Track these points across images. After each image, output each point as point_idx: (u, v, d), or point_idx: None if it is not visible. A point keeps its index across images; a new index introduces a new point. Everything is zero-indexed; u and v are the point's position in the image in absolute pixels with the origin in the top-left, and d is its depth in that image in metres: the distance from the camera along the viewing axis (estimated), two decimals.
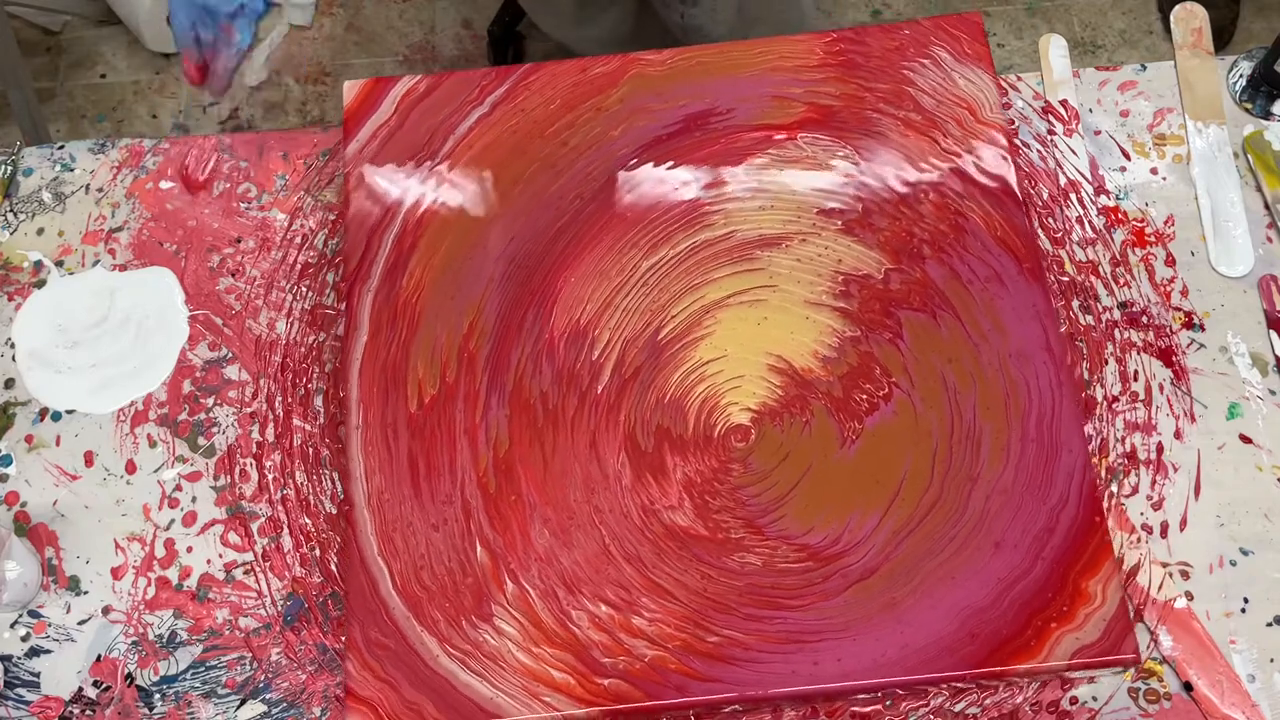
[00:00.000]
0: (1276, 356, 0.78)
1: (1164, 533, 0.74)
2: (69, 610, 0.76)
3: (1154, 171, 0.84)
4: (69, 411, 0.81)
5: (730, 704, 0.70)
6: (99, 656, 0.75)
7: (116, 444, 0.80)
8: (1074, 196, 0.84)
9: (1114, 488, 0.75)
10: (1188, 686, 0.70)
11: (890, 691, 0.70)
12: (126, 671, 0.74)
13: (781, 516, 0.73)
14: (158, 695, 0.74)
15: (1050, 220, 0.83)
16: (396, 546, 0.74)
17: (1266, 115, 0.86)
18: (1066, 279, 0.81)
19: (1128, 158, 0.85)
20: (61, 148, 0.90)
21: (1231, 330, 0.79)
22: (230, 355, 0.83)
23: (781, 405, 0.76)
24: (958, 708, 0.70)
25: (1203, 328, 0.79)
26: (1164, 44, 1.66)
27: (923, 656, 0.69)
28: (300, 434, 0.80)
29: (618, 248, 0.81)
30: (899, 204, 0.81)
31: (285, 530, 0.77)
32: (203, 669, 0.74)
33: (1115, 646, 0.68)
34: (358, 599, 0.72)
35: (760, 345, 0.78)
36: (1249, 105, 0.86)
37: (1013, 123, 0.86)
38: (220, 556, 0.77)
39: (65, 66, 1.77)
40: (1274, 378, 0.78)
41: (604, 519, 0.74)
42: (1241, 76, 0.87)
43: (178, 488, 0.79)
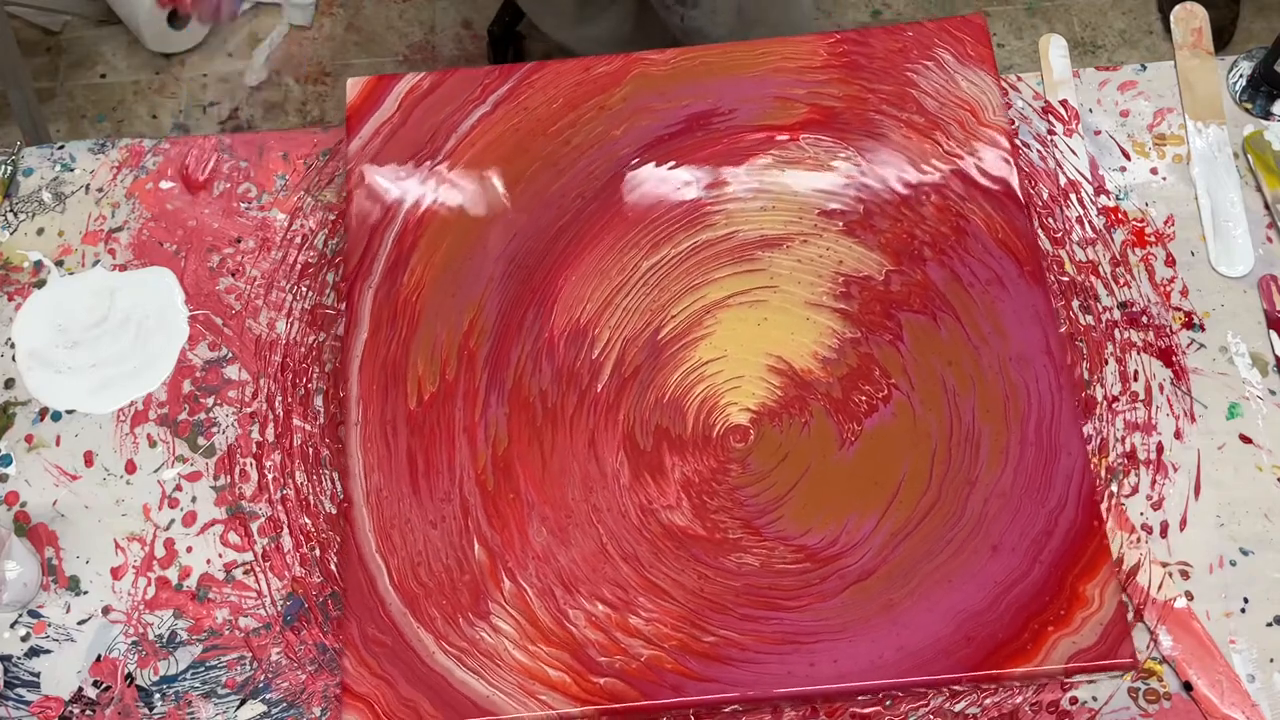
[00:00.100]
0: (1276, 356, 0.78)
1: (1164, 533, 0.74)
2: (69, 610, 0.76)
3: (1154, 171, 0.84)
4: (69, 411, 0.81)
5: (728, 704, 0.70)
6: (99, 656, 0.75)
7: (116, 444, 0.80)
8: (1074, 196, 0.84)
9: (1114, 488, 0.75)
10: (1187, 686, 0.70)
11: (889, 693, 0.70)
12: (126, 671, 0.74)
13: (779, 517, 0.73)
14: (158, 695, 0.74)
15: (1050, 220, 0.83)
16: (394, 543, 0.74)
17: (1266, 115, 0.86)
18: (1066, 279, 0.81)
19: (1128, 158, 0.85)
20: (61, 148, 0.90)
21: (1231, 330, 0.79)
22: (230, 355, 0.83)
23: (781, 406, 0.76)
24: (957, 708, 0.70)
25: (1203, 328, 0.79)
26: (1164, 44, 1.66)
27: (919, 659, 0.69)
28: (300, 434, 0.80)
29: (619, 247, 0.81)
30: (900, 206, 0.81)
31: (285, 530, 0.77)
32: (203, 669, 0.74)
33: (1112, 651, 0.68)
34: (355, 595, 0.72)
35: (760, 346, 0.78)
36: (1249, 105, 0.86)
37: (1013, 123, 0.86)
38: (220, 556, 0.77)
39: (65, 66, 1.77)
40: (1274, 378, 0.78)
41: (602, 518, 0.74)
42: (1241, 76, 0.87)
43: (178, 488, 0.79)
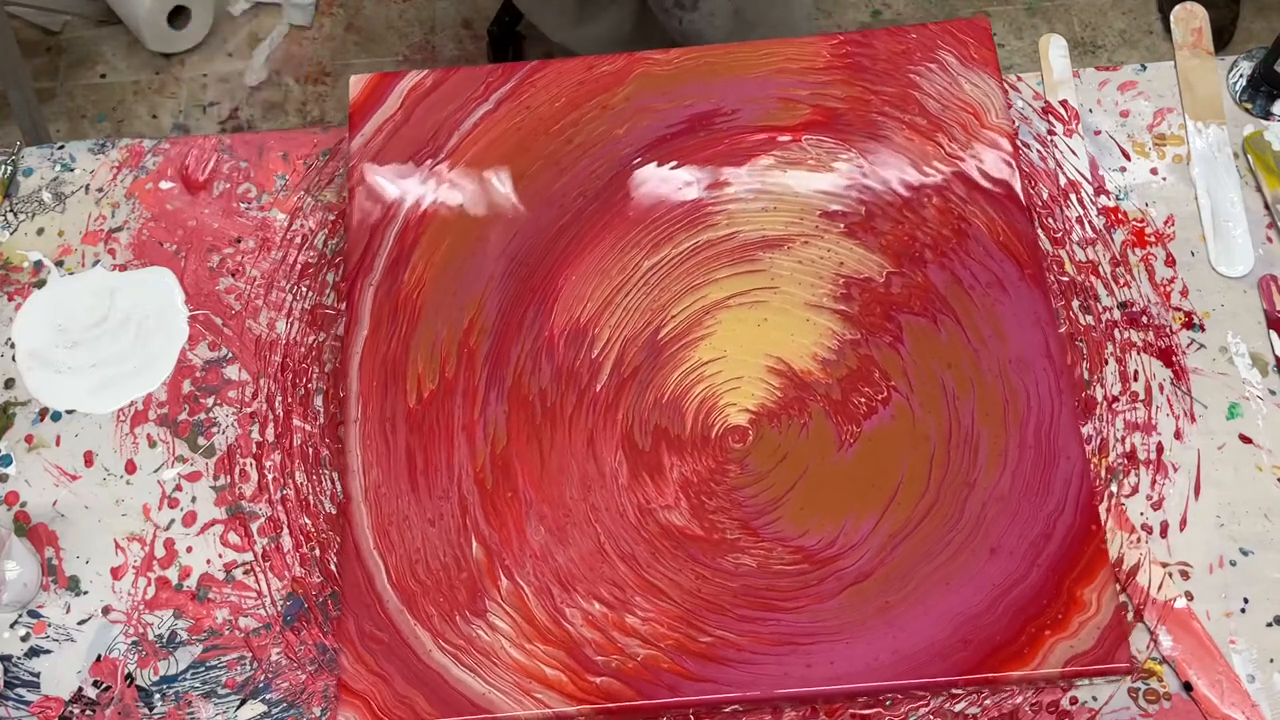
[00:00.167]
0: (1276, 356, 0.78)
1: (1164, 533, 0.74)
2: (69, 610, 0.76)
3: (1154, 172, 0.84)
4: (69, 411, 0.81)
5: (726, 704, 0.70)
6: (99, 656, 0.75)
7: (116, 444, 0.80)
8: (1074, 197, 0.84)
9: (1114, 488, 0.75)
10: (1187, 686, 0.70)
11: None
12: (126, 671, 0.74)
13: (777, 518, 0.73)
14: (158, 695, 0.74)
15: (1050, 220, 0.83)
16: (392, 541, 0.74)
17: (1266, 115, 0.86)
18: (1066, 279, 0.81)
19: (1128, 158, 0.85)
20: (61, 148, 0.90)
21: (1231, 330, 0.79)
22: (230, 355, 0.83)
23: (780, 407, 0.76)
24: (957, 708, 0.70)
25: (1203, 328, 0.79)
26: (1164, 44, 1.66)
27: (916, 661, 0.69)
28: (300, 434, 0.80)
29: (620, 246, 0.81)
30: (902, 207, 0.81)
31: (285, 530, 0.77)
32: (203, 669, 0.74)
33: (1109, 655, 0.68)
34: (353, 592, 0.72)
35: (760, 347, 0.78)
36: (1249, 105, 0.86)
37: (1013, 123, 0.86)
38: (220, 556, 0.77)
39: (65, 66, 1.77)
40: (1274, 378, 0.78)
41: (600, 517, 0.74)
42: (1241, 76, 0.87)
43: (178, 488, 0.79)
